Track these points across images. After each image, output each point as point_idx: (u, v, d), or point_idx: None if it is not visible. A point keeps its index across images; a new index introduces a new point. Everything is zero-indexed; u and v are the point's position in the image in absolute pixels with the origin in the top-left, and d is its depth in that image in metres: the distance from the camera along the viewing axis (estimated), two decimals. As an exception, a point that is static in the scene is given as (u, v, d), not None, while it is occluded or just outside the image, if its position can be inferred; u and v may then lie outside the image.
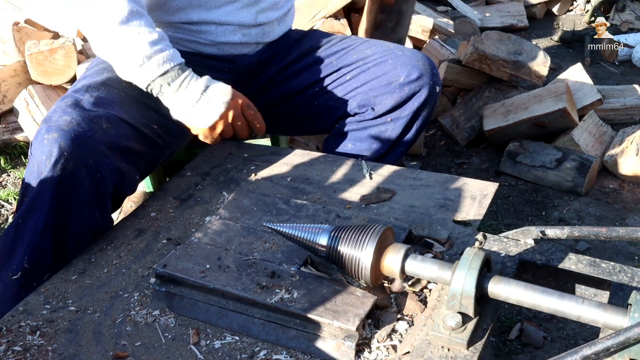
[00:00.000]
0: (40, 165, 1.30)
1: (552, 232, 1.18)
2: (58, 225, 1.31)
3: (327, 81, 1.78)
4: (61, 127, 1.31)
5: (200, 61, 1.67)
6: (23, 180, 1.36)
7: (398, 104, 1.70)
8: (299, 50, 1.82)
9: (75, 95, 1.41)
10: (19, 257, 1.31)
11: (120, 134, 1.40)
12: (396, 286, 1.11)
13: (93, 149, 1.32)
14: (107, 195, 1.38)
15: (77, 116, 1.34)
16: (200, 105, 1.46)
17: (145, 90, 1.46)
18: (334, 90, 1.77)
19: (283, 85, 1.80)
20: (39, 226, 1.30)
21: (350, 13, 3.04)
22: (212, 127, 1.49)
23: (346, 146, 1.77)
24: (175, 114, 1.48)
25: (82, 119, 1.34)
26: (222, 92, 1.48)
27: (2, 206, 2.54)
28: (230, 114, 1.49)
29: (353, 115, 1.77)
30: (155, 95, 1.46)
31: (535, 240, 1.21)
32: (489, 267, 1.04)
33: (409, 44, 3.32)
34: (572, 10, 4.83)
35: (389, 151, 1.77)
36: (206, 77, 1.49)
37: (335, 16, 2.96)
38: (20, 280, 1.31)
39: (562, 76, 3.16)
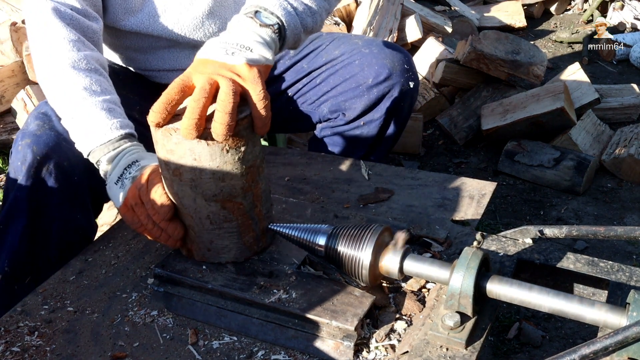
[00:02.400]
0: (16, 171, 1.31)
1: (550, 231, 1.18)
2: (38, 228, 1.32)
3: (298, 86, 1.74)
4: (33, 133, 1.32)
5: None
6: (4, 187, 1.37)
7: (368, 107, 1.65)
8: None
9: (47, 101, 1.42)
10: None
11: None
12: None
13: (66, 151, 1.32)
14: (86, 197, 1.38)
15: (49, 121, 1.35)
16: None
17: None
18: (306, 95, 1.73)
19: None
20: (18, 232, 1.31)
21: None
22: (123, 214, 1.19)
23: (326, 150, 1.75)
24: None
25: (55, 123, 1.35)
26: (138, 173, 1.17)
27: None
28: (135, 199, 1.15)
29: (327, 121, 1.73)
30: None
31: (533, 239, 1.21)
32: (488, 266, 1.04)
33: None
34: (569, 9, 4.84)
35: (369, 153, 1.74)
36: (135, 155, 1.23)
37: (336, 21, 2.97)
38: (1, 283, 1.32)
39: (560, 75, 3.17)
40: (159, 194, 1.11)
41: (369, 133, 1.69)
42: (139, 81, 1.60)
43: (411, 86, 1.65)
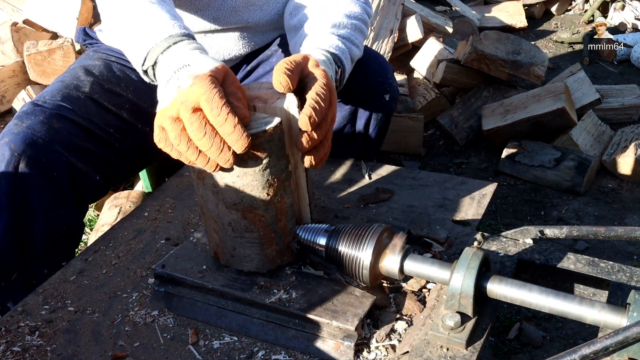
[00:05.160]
0: None
1: (551, 231, 1.18)
2: (21, 224, 1.33)
3: None
4: (11, 131, 1.34)
5: None
6: None
7: (343, 124, 1.62)
8: (256, 60, 1.76)
9: (31, 102, 1.43)
10: None
11: (73, 134, 1.40)
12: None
13: (44, 147, 1.34)
14: (67, 193, 1.38)
15: (26, 119, 1.36)
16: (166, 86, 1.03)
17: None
18: None
19: None
20: (2, 228, 1.32)
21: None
22: (155, 124, 0.99)
23: None
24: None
25: (32, 121, 1.36)
26: (188, 76, 0.99)
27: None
28: (176, 110, 0.95)
29: None
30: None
31: (534, 239, 1.21)
32: (488, 266, 1.04)
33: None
34: (570, 9, 4.84)
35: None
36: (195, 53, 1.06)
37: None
38: None
39: (560, 76, 3.17)
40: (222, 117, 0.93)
41: (349, 147, 1.66)
42: (134, 79, 1.61)
43: (386, 99, 1.61)
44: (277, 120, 1.00)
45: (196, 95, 0.93)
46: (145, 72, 1.14)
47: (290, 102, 1.02)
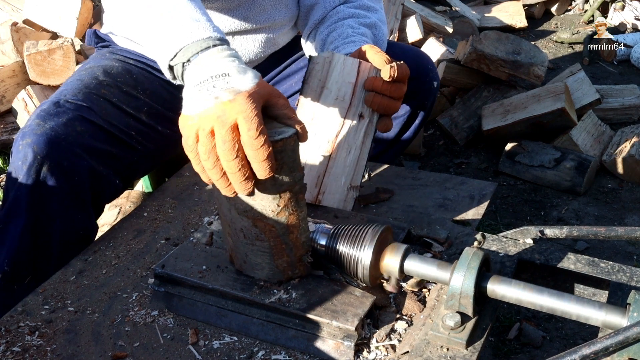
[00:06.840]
0: (16, 170, 1.31)
1: (551, 231, 1.18)
2: (38, 227, 1.32)
3: None
4: (34, 132, 1.32)
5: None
6: (4, 186, 1.36)
7: None
8: (289, 55, 1.78)
9: (52, 100, 1.41)
10: None
11: (95, 136, 1.39)
12: (391, 285, 1.09)
13: (67, 151, 1.32)
14: (87, 198, 1.37)
15: (50, 120, 1.34)
16: (195, 92, 0.99)
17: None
18: None
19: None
20: (18, 230, 1.31)
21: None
22: (185, 131, 0.98)
23: None
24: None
25: (55, 123, 1.34)
26: (227, 89, 0.96)
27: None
28: (211, 124, 0.94)
29: None
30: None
31: (534, 239, 1.21)
32: (488, 266, 1.04)
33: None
34: (570, 10, 4.84)
35: (386, 150, 1.75)
36: (236, 64, 1.02)
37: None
38: (0, 282, 1.32)
39: (560, 76, 3.16)
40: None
41: (391, 131, 1.70)
42: (152, 82, 1.60)
43: (434, 86, 1.71)
44: (291, 131, 0.98)
45: (235, 112, 0.93)
46: (171, 67, 1.09)
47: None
